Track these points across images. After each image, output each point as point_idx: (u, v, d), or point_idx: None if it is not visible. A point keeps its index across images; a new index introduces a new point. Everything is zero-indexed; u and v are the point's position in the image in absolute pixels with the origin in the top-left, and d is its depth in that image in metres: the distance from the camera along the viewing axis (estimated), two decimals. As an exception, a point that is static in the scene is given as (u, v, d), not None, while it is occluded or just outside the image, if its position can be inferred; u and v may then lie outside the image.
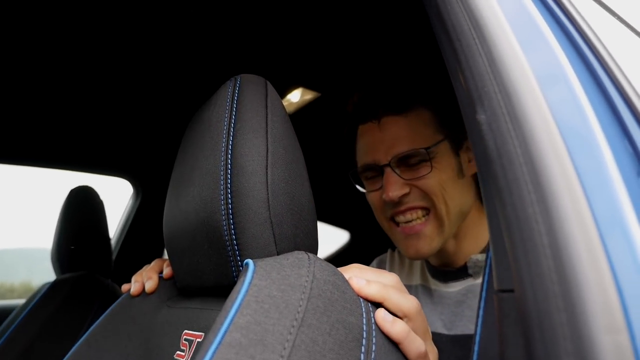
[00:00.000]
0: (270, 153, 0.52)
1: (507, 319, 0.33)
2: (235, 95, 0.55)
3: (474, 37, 0.43)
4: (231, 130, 0.53)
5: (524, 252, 0.32)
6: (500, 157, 0.36)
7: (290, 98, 1.30)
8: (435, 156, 0.83)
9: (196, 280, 0.59)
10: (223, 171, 0.51)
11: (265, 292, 0.40)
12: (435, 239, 0.82)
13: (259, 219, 0.49)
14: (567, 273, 0.29)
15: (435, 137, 0.84)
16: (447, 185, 0.82)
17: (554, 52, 0.43)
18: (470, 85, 0.41)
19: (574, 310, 0.28)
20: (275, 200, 0.50)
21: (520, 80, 0.38)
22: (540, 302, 0.30)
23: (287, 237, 0.51)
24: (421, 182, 0.82)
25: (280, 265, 0.45)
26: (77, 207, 1.30)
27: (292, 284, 0.42)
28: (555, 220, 0.31)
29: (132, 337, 0.65)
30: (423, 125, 0.85)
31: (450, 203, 0.82)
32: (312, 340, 0.38)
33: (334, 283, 0.45)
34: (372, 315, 0.45)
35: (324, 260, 0.50)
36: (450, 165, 0.84)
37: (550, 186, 0.32)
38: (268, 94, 0.57)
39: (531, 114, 0.36)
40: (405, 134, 0.84)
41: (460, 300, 0.82)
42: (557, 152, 0.34)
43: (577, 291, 0.28)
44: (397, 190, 0.82)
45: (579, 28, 0.48)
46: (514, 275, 0.33)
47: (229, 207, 0.50)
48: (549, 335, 0.28)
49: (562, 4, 0.49)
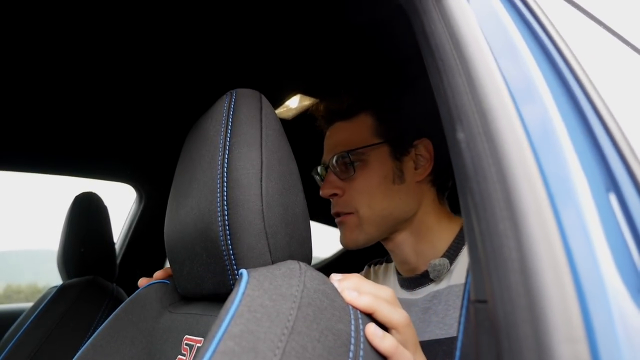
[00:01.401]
0: (265, 166, 0.54)
1: (481, 328, 0.35)
2: (231, 110, 0.58)
3: (454, 57, 0.45)
4: (227, 143, 0.55)
5: (495, 265, 0.34)
6: (476, 174, 0.38)
7: (289, 104, 1.32)
8: (365, 159, 0.89)
9: (196, 288, 0.62)
10: (219, 184, 0.53)
11: (258, 302, 0.42)
12: (355, 231, 0.89)
13: (254, 230, 0.51)
14: (533, 286, 0.31)
15: (370, 141, 0.90)
16: (374, 189, 0.88)
17: (530, 72, 0.45)
18: (450, 104, 0.43)
19: (538, 321, 0.30)
20: (270, 212, 0.52)
21: (495, 100, 0.40)
22: (509, 313, 0.32)
23: (281, 246, 0.53)
24: (351, 184, 0.90)
25: (272, 275, 0.47)
26: (82, 212, 1.33)
27: (283, 293, 0.44)
28: (523, 236, 0.33)
29: (135, 341, 0.67)
30: (362, 130, 0.92)
31: (376, 207, 0.87)
32: (302, 347, 0.40)
33: (324, 292, 0.47)
34: (360, 322, 0.47)
35: (323, 264, 0.52)
36: (382, 169, 0.89)
37: (520, 204, 0.34)
38: (263, 108, 0.59)
39: (504, 134, 0.38)
40: (345, 137, 0.93)
41: (426, 307, 0.84)
42: (528, 170, 0.36)
43: (541, 304, 0.30)
44: (327, 189, 0.92)
45: (557, 47, 0.50)
46: (487, 287, 0.35)
47: (225, 218, 0.52)
48: (516, 346, 0.30)
49: (542, 24, 0.51)
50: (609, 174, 0.40)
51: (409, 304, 0.88)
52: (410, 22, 0.54)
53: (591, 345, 0.30)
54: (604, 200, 0.38)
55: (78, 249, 1.28)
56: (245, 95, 0.59)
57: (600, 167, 0.40)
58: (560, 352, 0.28)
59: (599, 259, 0.34)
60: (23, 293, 4.10)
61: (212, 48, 1.13)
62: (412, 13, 0.54)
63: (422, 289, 0.87)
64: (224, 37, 1.09)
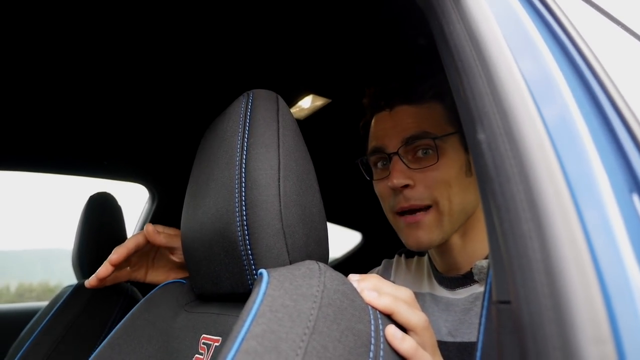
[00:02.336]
0: (282, 166, 0.54)
1: (504, 329, 0.36)
2: (249, 111, 0.58)
3: (474, 58, 0.45)
4: (245, 144, 0.55)
5: (519, 266, 0.34)
6: (498, 176, 0.38)
7: (302, 104, 1.33)
8: (444, 147, 0.83)
9: (213, 287, 0.62)
10: (238, 184, 0.54)
11: (279, 302, 0.43)
12: (435, 231, 0.82)
13: (272, 230, 0.52)
14: (558, 287, 0.31)
15: (446, 129, 0.85)
16: (452, 180, 0.82)
17: (551, 72, 0.45)
18: (471, 105, 0.43)
19: (564, 322, 0.30)
20: (288, 212, 0.53)
21: (516, 100, 0.40)
22: (534, 314, 0.32)
23: (299, 246, 0.53)
24: (427, 174, 0.82)
25: (292, 275, 0.47)
26: (97, 212, 1.34)
27: (304, 293, 0.44)
28: (547, 237, 0.33)
29: (152, 340, 0.68)
30: (435, 116, 0.86)
31: (454, 200, 0.82)
32: (323, 346, 0.40)
33: (344, 292, 0.47)
34: (380, 322, 0.48)
35: (336, 263, 0.53)
36: (458, 160, 0.84)
37: (544, 205, 0.34)
38: (279, 109, 0.59)
39: (526, 134, 0.38)
40: (416, 121, 0.85)
41: (467, 308, 0.82)
42: (551, 171, 0.36)
43: (566, 304, 0.30)
44: (402, 179, 0.82)
45: (577, 46, 0.50)
46: (510, 288, 0.35)
47: (244, 218, 0.52)
48: (541, 346, 0.31)
49: (561, 23, 0.51)
50: (631, 173, 0.40)
51: (449, 304, 0.86)
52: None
53: (617, 346, 0.30)
54: (627, 199, 0.38)
55: (93, 248, 1.29)
56: (262, 96, 0.60)
57: (622, 166, 0.40)
58: (588, 353, 0.28)
59: (623, 259, 0.33)
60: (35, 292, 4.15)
61: (224, 49, 1.14)
62: (430, 14, 0.54)
63: (464, 289, 0.85)
64: (236, 37, 1.09)
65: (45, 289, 4.09)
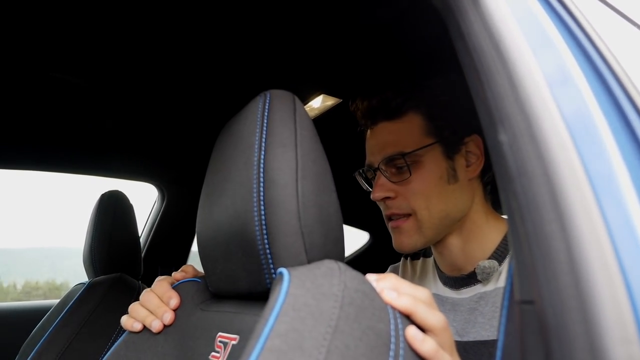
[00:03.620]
0: (300, 166, 0.55)
1: (528, 329, 0.36)
2: (266, 111, 0.58)
3: (494, 58, 0.45)
4: (262, 144, 0.56)
5: (544, 267, 0.34)
6: (520, 176, 0.38)
7: (312, 104, 1.33)
8: (420, 161, 0.87)
9: (230, 286, 0.63)
10: (256, 184, 0.54)
11: (301, 301, 0.43)
12: (414, 236, 0.87)
13: (290, 230, 0.52)
14: (584, 288, 0.31)
15: (424, 141, 0.88)
16: (430, 191, 0.86)
17: (571, 72, 0.45)
18: (491, 105, 0.44)
19: (590, 323, 0.30)
20: (306, 212, 0.53)
21: (539, 101, 0.40)
22: (559, 314, 0.32)
23: (317, 246, 0.54)
24: (405, 187, 0.87)
25: (313, 275, 0.48)
26: (109, 211, 1.35)
27: (325, 292, 0.45)
28: (572, 238, 0.33)
29: (168, 338, 0.68)
30: (413, 130, 0.89)
31: (434, 208, 0.85)
32: (345, 345, 0.40)
33: (364, 291, 0.47)
34: (399, 322, 0.48)
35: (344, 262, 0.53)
36: (437, 170, 0.87)
37: (568, 206, 0.34)
38: (296, 109, 0.59)
39: (550, 135, 0.38)
40: (393, 138, 0.90)
41: (472, 307, 0.84)
42: (574, 172, 0.36)
43: (593, 305, 0.31)
44: (380, 192, 0.88)
45: (595, 46, 0.50)
46: (534, 288, 0.35)
47: (262, 218, 0.53)
48: (567, 346, 0.31)
49: (579, 23, 0.51)
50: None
51: (454, 304, 0.87)
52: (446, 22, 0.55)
53: (644, 347, 0.30)
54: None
55: (105, 246, 1.30)
56: (279, 96, 0.60)
57: (645, 167, 0.40)
58: (615, 354, 0.29)
59: (648, 261, 0.34)
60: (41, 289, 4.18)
61: (235, 48, 1.14)
62: (447, 14, 0.54)
63: (468, 289, 0.86)
64: (248, 37, 1.10)
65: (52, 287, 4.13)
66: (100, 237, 1.31)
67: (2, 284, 4.55)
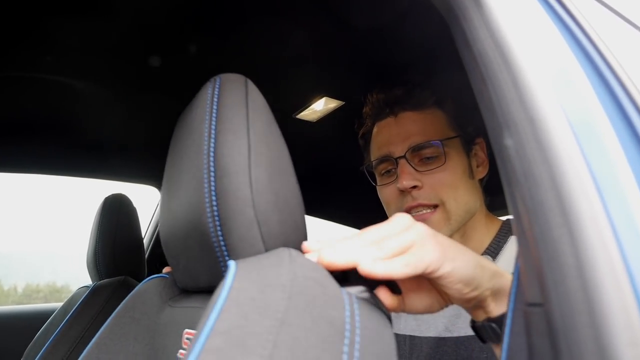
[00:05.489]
0: (253, 152, 0.52)
1: (535, 331, 0.36)
2: (215, 96, 0.56)
3: (499, 63, 0.45)
4: (212, 131, 0.53)
5: (551, 270, 0.35)
6: (527, 181, 0.39)
7: (315, 107, 1.34)
8: (449, 151, 0.87)
9: (192, 281, 0.61)
10: (206, 173, 0.51)
11: (245, 295, 0.41)
12: (443, 228, 0.85)
13: (244, 219, 0.50)
14: (592, 291, 0.32)
15: (449, 133, 0.89)
16: (458, 182, 0.86)
17: (575, 76, 0.45)
18: (497, 110, 0.44)
19: (599, 325, 0.31)
20: (260, 199, 0.50)
21: (545, 107, 0.41)
22: (567, 317, 0.32)
23: (274, 234, 0.51)
24: (434, 176, 0.86)
25: (260, 265, 0.45)
26: (112, 214, 1.35)
27: (272, 283, 0.42)
28: (579, 242, 0.34)
29: (139, 337, 0.67)
30: (437, 122, 0.91)
31: (460, 200, 0.86)
32: (294, 338, 0.38)
33: (315, 279, 0.45)
34: (355, 307, 0.45)
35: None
36: (462, 163, 0.88)
37: (575, 211, 0.35)
38: (248, 93, 0.56)
39: (556, 141, 0.39)
40: (420, 127, 0.89)
41: None
42: (580, 177, 0.37)
43: (601, 308, 0.31)
44: (409, 180, 0.86)
45: (598, 49, 0.50)
46: (542, 291, 0.35)
47: (214, 209, 0.50)
48: (575, 348, 0.31)
49: (583, 28, 0.51)
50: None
51: None
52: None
53: (652, 349, 0.30)
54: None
55: (109, 249, 1.30)
56: (229, 80, 0.57)
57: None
58: (624, 356, 0.29)
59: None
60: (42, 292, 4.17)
61: (237, 51, 1.15)
62: (452, 18, 0.54)
63: None
64: (249, 40, 1.10)
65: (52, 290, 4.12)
66: (104, 241, 1.31)
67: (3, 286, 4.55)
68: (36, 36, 1.03)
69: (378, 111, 0.95)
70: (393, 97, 0.93)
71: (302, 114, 1.38)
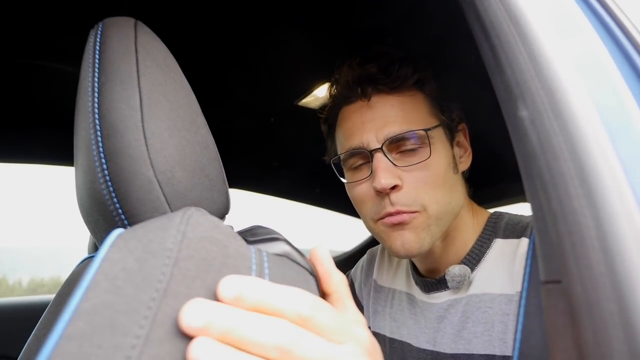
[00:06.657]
0: (145, 103, 0.46)
1: (554, 309, 0.35)
2: (97, 45, 0.48)
3: (513, 33, 0.44)
4: (95, 85, 0.46)
5: (572, 244, 0.33)
6: (544, 153, 0.37)
7: (317, 93, 1.32)
8: (433, 142, 0.73)
9: None
10: (93, 133, 0.45)
11: (118, 267, 0.34)
12: (422, 234, 0.73)
13: (141, 180, 0.43)
14: (616, 264, 0.30)
15: (432, 120, 0.75)
16: (441, 179, 0.73)
17: (594, 45, 0.43)
18: (511, 82, 0.42)
19: (624, 299, 0.29)
20: (159, 156, 0.44)
21: (562, 75, 0.39)
22: (590, 292, 0.31)
23: (181, 194, 0.45)
24: (415, 174, 0.72)
25: (144, 230, 0.38)
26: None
27: (154, 250, 0.36)
28: (602, 213, 0.32)
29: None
30: (418, 106, 0.76)
31: (442, 201, 0.73)
32: (178, 311, 0.32)
33: (212, 238, 0.38)
34: (265, 266, 0.39)
35: (346, 256, 0.43)
36: (446, 155, 0.75)
37: (597, 180, 0.33)
38: (138, 36, 0.49)
39: (575, 110, 0.37)
40: (397, 113, 0.74)
41: (441, 316, 0.76)
42: (602, 146, 0.35)
43: (626, 282, 0.29)
44: (390, 178, 0.71)
45: (616, 19, 0.48)
46: (561, 267, 0.34)
47: (105, 172, 0.44)
48: (599, 323, 0.30)
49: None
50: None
51: (425, 307, 0.80)
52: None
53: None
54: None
55: None
56: (114, 24, 0.50)
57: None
58: (653, 330, 0.27)
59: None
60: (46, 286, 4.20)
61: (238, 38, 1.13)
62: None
63: (439, 293, 0.78)
64: (251, 27, 1.09)
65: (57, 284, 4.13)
66: None
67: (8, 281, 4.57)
68: (45, 24, 1.02)
69: (347, 92, 0.79)
70: (365, 76, 0.76)
71: (304, 100, 1.37)
